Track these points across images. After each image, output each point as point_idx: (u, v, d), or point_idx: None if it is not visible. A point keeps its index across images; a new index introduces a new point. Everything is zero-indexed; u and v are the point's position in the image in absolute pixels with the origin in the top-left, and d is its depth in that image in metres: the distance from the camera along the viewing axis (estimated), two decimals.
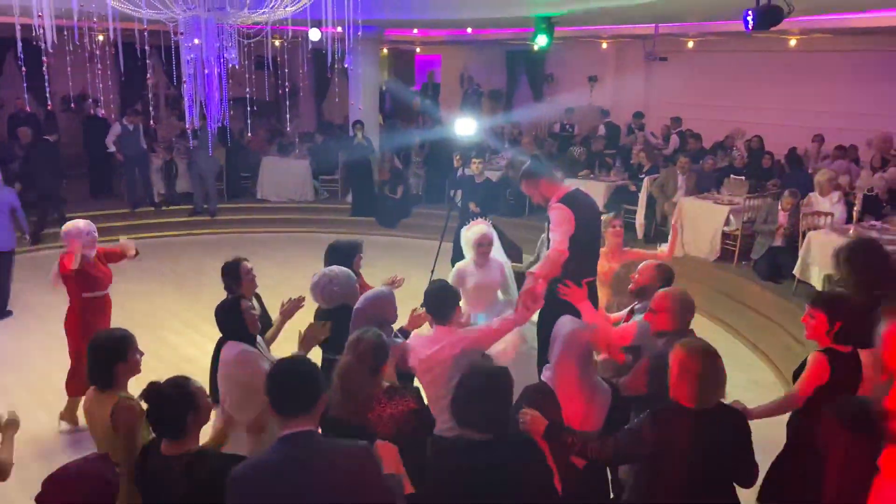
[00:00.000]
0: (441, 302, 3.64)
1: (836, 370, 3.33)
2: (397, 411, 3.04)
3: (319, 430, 2.53)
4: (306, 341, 3.71)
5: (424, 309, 3.75)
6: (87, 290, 5.41)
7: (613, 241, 5.55)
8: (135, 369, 3.47)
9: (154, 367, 3.85)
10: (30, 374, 6.63)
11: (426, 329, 3.85)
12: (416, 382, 3.66)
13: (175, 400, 2.76)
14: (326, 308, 4.16)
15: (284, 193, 12.77)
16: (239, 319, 3.74)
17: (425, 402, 3.28)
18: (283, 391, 2.45)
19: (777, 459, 3.55)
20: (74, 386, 5.50)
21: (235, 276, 4.59)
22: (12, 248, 8.08)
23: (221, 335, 3.90)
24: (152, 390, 2.81)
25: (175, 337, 7.53)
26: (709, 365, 2.81)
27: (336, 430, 2.86)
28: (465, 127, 8.70)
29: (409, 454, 3.01)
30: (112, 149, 11.74)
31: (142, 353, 3.52)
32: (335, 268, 4.29)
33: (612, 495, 3.40)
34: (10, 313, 8.06)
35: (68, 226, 5.43)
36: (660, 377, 2.99)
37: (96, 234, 5.48)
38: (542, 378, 3.22)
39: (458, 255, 5.26)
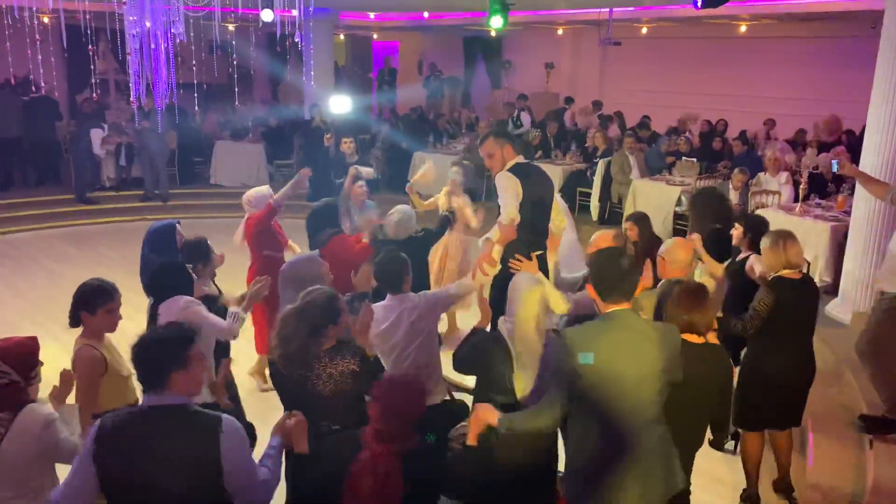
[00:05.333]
0: (393, 272, 3.67)
1: None
2: (336, 371, 3.03)
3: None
4: (250, 298, 3.95)
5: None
6: (268, 249, 5.51)
7: None
8: (104, 325, 3.40)
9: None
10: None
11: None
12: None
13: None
14: (395, 239, 4.99)
15: (238, 178, 12.54)
16: (183, 274, 3.83)
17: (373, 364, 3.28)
18: None
19: None
20: (261, 343, 5.68)
21: (205, 254, 4.46)
22: None
23: (156, 298, 3.86)
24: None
25: (125, 322, 7.35)
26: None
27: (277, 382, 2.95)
28: (340, 105, 8.52)
29: (347, 414, 3.06)
30: (101, 153, 11.55)
31: (120, 316, 3.45)
32: (407, 207, 5.20)
33: None
34: None
35: (252, 193, 5.72)
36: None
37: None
38: (499, 328, 3.31)
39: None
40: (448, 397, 3.96)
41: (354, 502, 2.62)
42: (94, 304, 3.34)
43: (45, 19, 11.46)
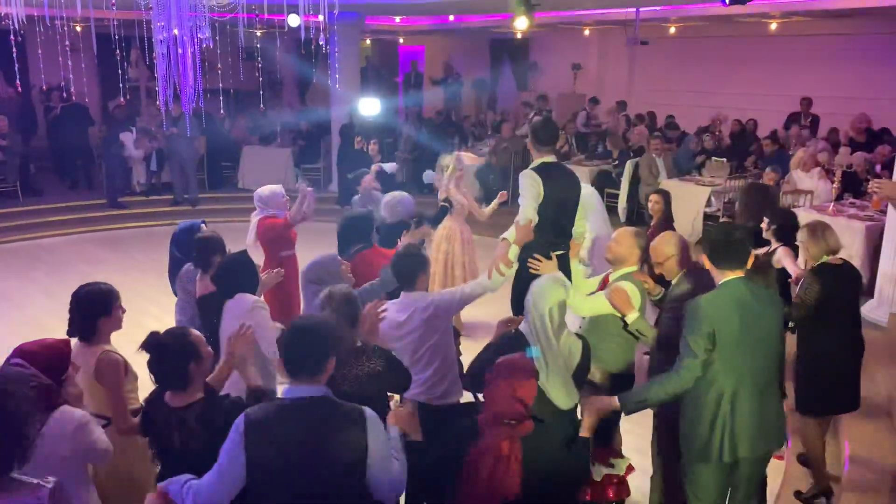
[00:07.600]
0: (408, 268, 3.62)
1: None
2: (363, 373, 3.02)
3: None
4: (263, 286, 4.08)
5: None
6: (284, 249, 5.55)
7: None
8: (117, 324, 3.45)
9: (133, 354, 3.77)
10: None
11: None
12: None
13: (175, 350, 2.75)
14: (390, 222, 5.34)
15: (266, 182, 12.54)
16: (251, 270, 3.86)
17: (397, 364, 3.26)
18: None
19: None
20: None
21: (220, 249, 4.43)
22: None
23: (222, 293, 3.85)
24: (152, 341, 2.79)
25: (154, 323, 7.33)
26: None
27: None
28: (369, 107, 8.51)
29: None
30: (136, 154, 11.73)
31: (124, 310, 3.48)
32: (401, 193, 5.55)
33: None
34: None
35: (265, 190, 5.68)
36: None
37: (287, 198, 5.72)
38: (520, 328, 3.22)
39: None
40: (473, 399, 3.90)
41: (472, 487, 2.59)
42: (108, 305, 3.38)
43: (78, 28, 11.67)
